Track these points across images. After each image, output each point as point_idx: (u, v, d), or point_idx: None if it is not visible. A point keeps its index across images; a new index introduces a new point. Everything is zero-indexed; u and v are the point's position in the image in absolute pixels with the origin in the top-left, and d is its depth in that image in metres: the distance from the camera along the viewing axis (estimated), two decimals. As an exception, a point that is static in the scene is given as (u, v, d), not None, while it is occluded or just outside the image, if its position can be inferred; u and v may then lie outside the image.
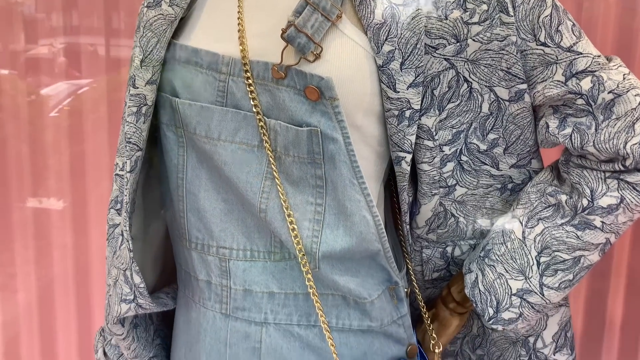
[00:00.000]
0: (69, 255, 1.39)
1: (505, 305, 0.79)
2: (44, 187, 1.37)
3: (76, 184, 1.36)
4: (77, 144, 1.33)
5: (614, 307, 1.31)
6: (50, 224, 1.39)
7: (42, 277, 1.40)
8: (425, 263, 0.89)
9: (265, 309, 0.79)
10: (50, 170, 1.35)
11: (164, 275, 0.94)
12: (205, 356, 0.82)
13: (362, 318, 0.79)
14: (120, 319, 0.84)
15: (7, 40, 1.28)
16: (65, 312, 1.43)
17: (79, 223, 1.38)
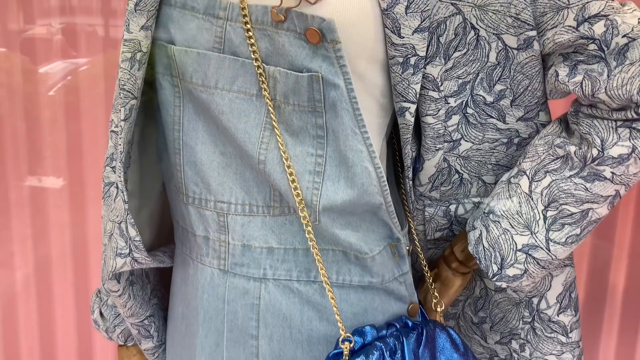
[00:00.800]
0: (66, 233, 1.39)
1: (510, 261, 0.77)
2: (42, 165, 1.36)
3: (74, 162, 1.35)
4: (75, 122, 1.32)
5: (617, 276, 1.29)
6: (47, 202, 1.38)
7: (40, 255, 1.39)
8: (428, 222, 0.87)
9: (264, 265, 0.77)
10: (48, 148, 1.34)
11: (161, 234, 0.92)
12: (203, 313, 0.81)
13: (362, 274, 0.77)
14: (116, 275, 0.82)
15: (6, 20, 1.27)
16: (63, 289, 1.43)
17: (77, 201, 1.37)
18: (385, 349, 0.72)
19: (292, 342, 0.77)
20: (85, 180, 1.36)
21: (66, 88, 1.31)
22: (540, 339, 0.91)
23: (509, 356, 0.95)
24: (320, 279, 0.76)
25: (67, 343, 1.46)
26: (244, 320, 0.78)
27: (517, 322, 0.92)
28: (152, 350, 0.94)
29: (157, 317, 0.92)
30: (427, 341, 0.76)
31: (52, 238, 1.39)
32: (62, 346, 1.45)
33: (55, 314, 1.43)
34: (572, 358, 0.91)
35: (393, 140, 0.88)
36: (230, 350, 0.79)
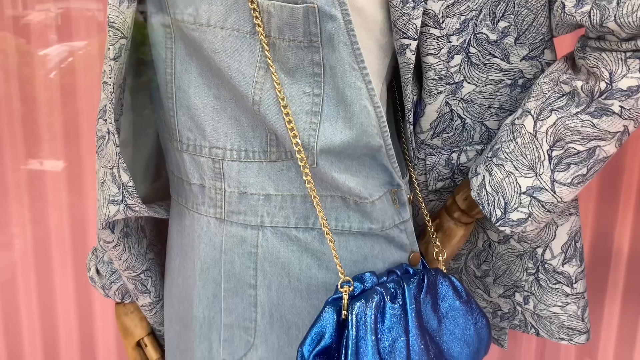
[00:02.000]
0: (64, 216, 1.38)
1: (514, 205, 0.75)
2: (40, 148, 1.34)
3: (71, 144, 1.33)
4: (72, 104, 1.30)
5: (621, 238, 1.28)
6: (46, 185, 1.36)
7: (38, 237, 1.39)
8: (429, 171, 0.85)
9: (262, 212, 0.75)
10: (46, 131, 1.33)
11: (157, 190, 0.90)
12: (200, 263, 0.79)
13: (362, 220, 0.75)
14: (110, 224, 0.80)
15: (4, 6, 1.25)
16: (62, 271, 1.42)
17: (75, 183, 1.36)
18: (385, 293, 0.70)
19: (290, 290, 0.76)
20: (84, 162, 1.35)
21: (64, 71, 1.30)
22: (545, 290, 0.89)
23: (513, 309, 0.93)
24: (319, 226, 0.75)
25: (67, 322, 1.45)
26: (241, 270, 0.76)
27: (520, 273, 0.90)
28: (150, 306, 0.92)
29: (153, 271, 0.90)
30: (428, 287, 0.75)
31: (50, 220, 1.38)
32: (63, 327, 1.45)
33: (55, 296, 1.43)
34: (576, 309, 0.89)
35: (394, 88, 0.85)
36: (228, 300, 0.78)
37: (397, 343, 0.68)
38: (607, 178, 1.24)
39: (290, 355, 0.77)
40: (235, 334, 0.78)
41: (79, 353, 1.46)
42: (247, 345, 0.78)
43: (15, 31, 1.27)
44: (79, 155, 1.35)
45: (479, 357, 0.79)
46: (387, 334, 0.68)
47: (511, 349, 1.31)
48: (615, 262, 1.28)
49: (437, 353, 0.73)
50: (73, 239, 1.39)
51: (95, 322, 1.45)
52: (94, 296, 1.43)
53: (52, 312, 1.44)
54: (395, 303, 0.70)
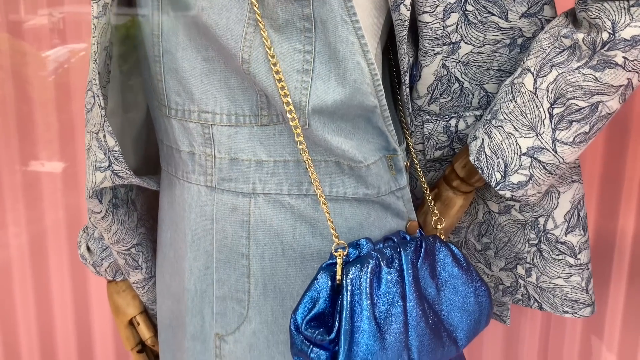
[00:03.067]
0: (61, 216, 1.36)
1: (514, 167, 0.73)
2: (36, 148, 1.33)
3: (67, 144, 1.32)
4: (67, 104, 1.29)
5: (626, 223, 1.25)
6: (41, 185, 1.35)
7: (34, 236, 1.38)
8: (427, 139, 0.83)
9: (254, 179, 0.72)
10: (43, 131, 1.32)
11: (148, 163, 0.88)
12: (191, 234, 0.77)
13: (357, 185, 0.73)
14: (98, 194, 0.78)
15: (7, 11, 1.25)
16: (59, 271, 1.40)
17: (71, 183, 1.34)
18: (381, 258, 0.68)
19: (284, 259, 0.73)
20: (80, 163, 1.34)
21: (62, 72, 1.29)
22: (548, 261, 0.87)
23: (515, 283, 0.90)
24: (313, 192, 0.72)
25: (64, 322, 1.44)
26: (233, 239, 0.74)
27: (522, 245, 0.87)
28: (142, 282, 0.90)
29: (144, 246, 0.88)
30: (426, 254, 0.72)
31: (47, 220, 1.36)
32: (60, 327, 1.44)
33: (52, 295, 1.41)
34: (580, 281, 0.86)
35: (389, 55, 0.83)
36: (220, 272, 0.75)
37: (394, 308, 0.66)
38: (610, 163, 1.21)
39: (285, 327, 0.75)
40: (228, 306, 0.76)
41: (76, 353, 1.44)
42: (241, 318, 0.76)
43: (15, 33, 1.27)
44: (75, 156, 1.33)
45: (480, 327, 0.76)
46: (383, 299, 0.65)
47: (515, 326, 1.28)
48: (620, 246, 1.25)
49: (436, 321, 0.70)
50: (69, 240, 1.38)
51: (93, 323, 1.43)
52: (91, 296, 1.41)
53: (48, 312, 1.42)
54: (392, 268, 0.67)
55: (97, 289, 1.41)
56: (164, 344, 0.88)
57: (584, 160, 1.20)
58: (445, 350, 0.71)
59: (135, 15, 0.75)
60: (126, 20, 0.76)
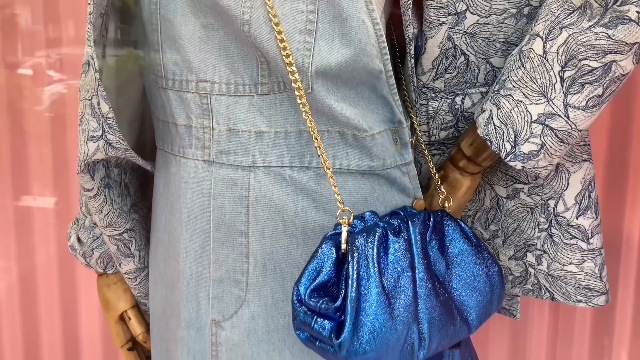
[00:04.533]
0: (52, 251, 1.33)
1: (525, 135, 0.70)
2: (28, 182, 1.31)
3: (60, 178, 1.30)
4: (62, 137, 1.28)
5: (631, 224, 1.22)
6: (33, 219, 1.33)
7: (25, 270, 1.34)
8: (432, 119, 0.80)
9: (253, 151, 0.69)
10: (35, 164, 1.30)
11: (143, 152, 0.85)
12: (187, 213, 0.73)
13: (361, 157, 0.70)
14: (90, 168, 0.74)
15: (4, 52, 1.26)
16: (48, 305, 1.36)
17: (63, 217, 1.32)
18: (388, 228, 0.64)
19: (285, 236, 0.70)
20: (73, 197, 1.31)
21: (54, 104, 1.28)
22: (559, 247, 0.83)
23: (525, 272, 0.87)
24: (315, 164, 0.69)
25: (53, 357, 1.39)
26: (232, 216, 0.70)
27: (532, 230, 0.84)
28: (134, 273, 0.86)
29: (138, 233, 0.84)
30: (434, 228, 0.69)
31: (37, 255, 1.33)
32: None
33: (40, 330, 1.37)
34: (594, 267, 0.83)
35: (392, 36, 0.81)
36: (217, 252, 0.72)
37: (402, 278, 0.62)
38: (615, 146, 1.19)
39: (286, 310, 0.71)
40: (226, 289, 0.72)
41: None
42: (239, 301, 0.72)
43: (13, 69, 1.28)
44: (68, 190, 1.31)
45: (492, 308, 0.72)
46: (391, 268, 0.62)
47: (523, 320, 1.23)
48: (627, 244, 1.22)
49: (447, 297, 0.66)
50: (60, 273, 1.34)
51: (82, 358, 1.38)
52: (80, 332, 1.36)
53: (37, 347, 1.37)
54: (400, 237, 0.64)
55: (87, 323, 1.36)
56: (156, 337, 0.83)
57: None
58: (457, 329, 0.66)
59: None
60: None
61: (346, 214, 0.64)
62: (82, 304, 1.36)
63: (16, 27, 1.24)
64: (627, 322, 1.22)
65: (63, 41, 1.25)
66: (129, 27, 0.77)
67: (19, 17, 1.24)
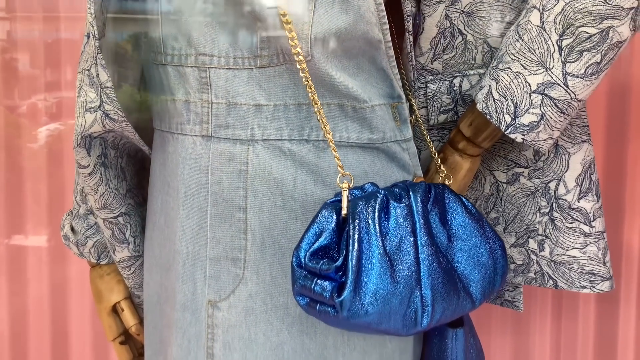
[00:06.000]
0: (44, 288, 1.32)
1: (525, 107, 0.70)
2: (23, 219, 1.31)
3: (55, 216, 1.30)
4: (58, 173, 1.29)
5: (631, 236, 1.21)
6: (27, 256, 1.32)
7: (16, 309, 1.32)
8: (431, 101, 0.80)
9: (252, 124, 0.69)
10: (30, 201, 1.30)
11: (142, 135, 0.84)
12: (184, 190, 0.72)
13: (361, 130, 0.69)
14: (86, 143, 0.73)
15: (2, 96, 1.28)
16: (39, 348, 1.34)
17: (57, 256, 1.31)
18: (389, 195, 0.63)
19: (284, 211, 0.68)
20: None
21: (50, 140, 1.29)
22: (561, 231, 0.82)
23: (527, 260, 0.85)
24: (315, 137, 0.69)
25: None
26: (230, 191, 0.69)
27: (533, 215, 0.83)
28: (128, 262, 0.84)
29: (133, 218, 0.83)
30: (436, 199, 0.68)
31: (29, 294, 1.31)
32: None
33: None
34: (597, 251, 0.81)
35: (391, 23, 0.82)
36: (214, 229, 0.70)
37: (404, 243, 0.61)
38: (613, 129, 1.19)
39: (285, 288, 0.69)
40: (223, 267, 0.70)
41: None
42: (236, 280, 0.70)
43: (11, 120, 1.29)
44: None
45: (495, 285, 0.70)
46: (393, 232, 0.60)
47: (526, 312, 1.20)
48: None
49: (449, 267, 0.65)
50: (52, 312, 1.31)
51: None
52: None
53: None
54: (401, 203, 0.63)
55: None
56: (150, 326, 0.81)
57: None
58: (460, 301, 0.65)
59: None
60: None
61: (346, 178, 0.63)
62: (73, 341, 1.32)
63: (15, 71, 1.26)
64: (632, 309, 1.20)
65: (61, 85, 1.27)
66: (129, 5, 0.77)
67: (18, 61, 1.27)
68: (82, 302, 1.31)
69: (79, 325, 1.32)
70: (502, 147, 0.84)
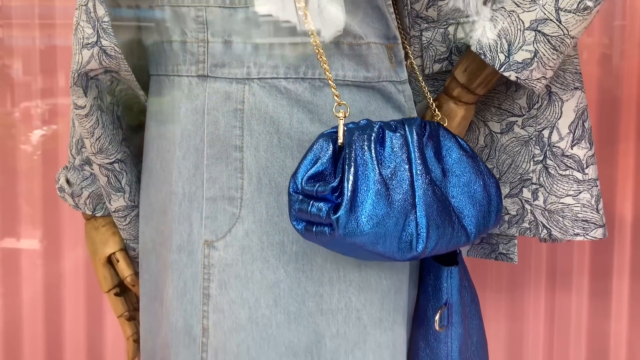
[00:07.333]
0: (38, 290, 1.32)
1: (518, 44, 0.70)
2: (17, 221, 1.31)
3: (50, 218, 1.30)
4: (51, 175, 1.29)
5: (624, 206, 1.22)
6: (21, 259, 1.32)
7: (10, 312, 1.32)
8: (425, 50, 0.81)
9: (248, 63, 0.69)
10: (24, 203, 1.30)
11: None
12: (180, 131, 0.72)
13: (357, 68, 0.70)
14: (83, 81, 0.74)
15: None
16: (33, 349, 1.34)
17: (50, 258, 1.31)
18: (385, 126, 0.64)
19: (280, 149, 0.69)
20: (61, 233, 1.31)
21: (44, 141, 1.29)
22: (555, 179, 0.83)
23: (521, 210, 0.86)
24: (310, 76, 0.69)
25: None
26: (226, 130, 0.70)
27: (527, 164, 0.84)
28: (124, 211, 0.84)
29: (128, 167, 0.82)
30: (431, 135, 0.68)
31: (24, 295, 1.31)
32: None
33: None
34: (590, 198, 0.82)
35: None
36: (210, 169, 0.70)
37: (400, 170, 0.61)
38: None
39: (281, 226, 0.69)
40: (219, 207, 0.70)
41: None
42: (233, 219, 0.70)
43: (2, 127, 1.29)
44: (58, 227, 1.30)
45: (489, 222, 0.71)
46: (388, 159, 0.61)
47: (521, 267, 1.21)
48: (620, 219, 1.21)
49: (444, 199, 0.65)
50: (46, 317, 1.31)
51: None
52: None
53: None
54: (397, 133, 0.63)
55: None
56: (145, 274, 0.80)
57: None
58: (454, 232, 0.65)
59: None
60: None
61: (342, 107, 0.64)
62: (67, 343, 1.32)
63: (8, 78, 1.27)
64: (625, 295, 1.21)
65: (56, 92, 1.28)
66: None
67: (11, 68, 1.27)
68: (76, 303, 1.31)
69: (72, 327, 1.32)
70: (495, 97, 0.84)
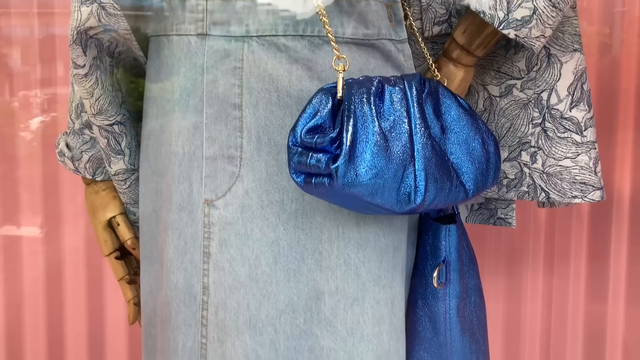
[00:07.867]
0: (40, 277, 1.32)
1: (517, 1, 0.70)
2: (17, 209, 1.31)
3: (50, 205, 1.30)
4: (52, 162, 1.28)
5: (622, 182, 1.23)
6: (22, 247, 1.32)
7: (11, 301, 1.32)
8: (425, 12, 0.81)
9: (247, 21, 0.69)
10: (24, 190, 1.30)
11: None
12: (180, 90, 0.72)
13: (356, 26, 0.70)
14: (82, 40, 0.73)
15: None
16: (34, 341, 1.34)
17: (50, 245, 1.31)
18: (384, 81, 0.64)
19: (279, 108, 0.69)
20: (62, 226, 1.31)
21: (43, 127, 1.29)
22: (553, 141, 0.83)
23: (519, 173, 0.86)
24: (310, 33, 0.69)
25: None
26: (225, 89, 0.70)
27: (526, 127, 0.84)
28: (124, 174, 0.84)
29: (128, 129, 0.82)
30: (430, 92, 0.68)
31: (25, 282, 1.31)
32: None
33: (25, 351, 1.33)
34: (588, 160, 0.82)
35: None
36: (210, 128, 0.71)
37: (398, 123, 0.61)
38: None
39: (280, 184, 0.69)
40: (219, 166, 0.71)
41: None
42: (232, 178, 0.70)
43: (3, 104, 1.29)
44: (58, 214, 1.30)
45: (488, 180, 0.71)
46: (387, 112, 0.61)
47: (519, 231, 1.22)
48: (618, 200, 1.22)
49: (443, 155, 0.66)
50: (47, 304, 1.31)
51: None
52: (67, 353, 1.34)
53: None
54: (396, 87, 0.63)
55: (74, 353, 1.33)
56: (145, 236, 0.81)
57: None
58: (453, 187, 0.65)
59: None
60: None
61: (342, 61, 0.64)
62: (69, 330, 1.32)
63: (6, 67, 1.26)
64: (622, 283, 1.22)
65: (52, 81, 1.27)
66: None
67: (8, 57, 1.26)
68: (77, 290, 1.31)
69: (73, 314, 1.32)
70: (494, 60, 0.84)
